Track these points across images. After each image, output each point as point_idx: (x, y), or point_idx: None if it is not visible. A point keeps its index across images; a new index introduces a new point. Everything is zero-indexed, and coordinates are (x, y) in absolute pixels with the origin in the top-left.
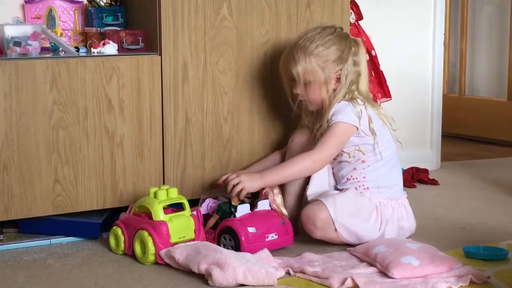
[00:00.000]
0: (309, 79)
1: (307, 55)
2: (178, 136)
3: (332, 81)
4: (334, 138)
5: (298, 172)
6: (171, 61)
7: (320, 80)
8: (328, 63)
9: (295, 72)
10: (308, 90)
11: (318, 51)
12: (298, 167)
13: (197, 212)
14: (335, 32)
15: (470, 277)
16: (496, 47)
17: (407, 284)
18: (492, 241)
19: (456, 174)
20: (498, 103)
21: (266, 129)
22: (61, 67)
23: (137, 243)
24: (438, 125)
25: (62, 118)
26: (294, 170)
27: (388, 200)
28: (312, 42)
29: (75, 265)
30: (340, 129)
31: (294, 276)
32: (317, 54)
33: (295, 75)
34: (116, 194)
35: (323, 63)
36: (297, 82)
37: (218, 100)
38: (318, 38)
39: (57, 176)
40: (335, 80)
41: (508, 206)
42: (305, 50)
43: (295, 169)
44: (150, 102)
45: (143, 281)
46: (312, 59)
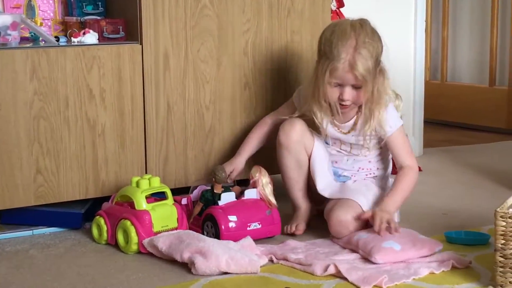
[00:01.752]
0: (367, 80)
1: (368, 57)
2: (160, 125)
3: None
4: (406, 145)
5: (411, 187)
6: (152, 50)
7: (374, 81)
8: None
9: (359, 75)
10: (359, 92)
11: (374, 53)
12: (411, 184)
13: (187, 199)
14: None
15: (452, 262)
16: (477, 33)
17: (390, 270)
18: (473, 226)
19: (439, 160)
20: (480, 89)
21: (248, 117)
22: (41, 57)
23: (119, 232)
24: (420, 112)
25: (42, 108)
26: (410, 188)
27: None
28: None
29: (57, 256)
30: (402, 135)
31: (277, 263)
32: (374, 56)
33: (360, 78)
34: (98, 184)
35: (376, 63)
36: (361, 85)
37: (199, 89)
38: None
39: (38, 167)
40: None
41: (489, 191)
42: (366, 52)
43: (410, 187)
44: (131, 91)
45: (126, 270)
46: (370, 61)
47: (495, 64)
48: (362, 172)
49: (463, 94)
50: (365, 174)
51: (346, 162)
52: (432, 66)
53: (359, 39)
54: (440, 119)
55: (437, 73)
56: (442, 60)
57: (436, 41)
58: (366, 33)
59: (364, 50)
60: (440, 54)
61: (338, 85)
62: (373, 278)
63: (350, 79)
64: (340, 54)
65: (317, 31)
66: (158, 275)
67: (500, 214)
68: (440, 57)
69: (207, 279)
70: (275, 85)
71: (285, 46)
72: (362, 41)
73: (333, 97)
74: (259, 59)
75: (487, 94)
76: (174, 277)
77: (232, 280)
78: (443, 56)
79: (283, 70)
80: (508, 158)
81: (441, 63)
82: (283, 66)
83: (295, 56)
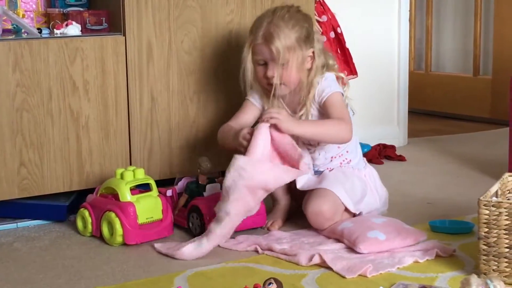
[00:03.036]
0: (287, 58)
1: (286, 32)
2: (144, 116)
3: (308, 60)
4: (342, 107)
5: (335, 133)
6: (135, 41)
7: (298, 59)
8: (303, 41)
9: (275, 50)
10: (285, 71)
11: (295, 29)
12: (336, 127)
13: (172, 190)
14: (300, 11)
15: (436, 251)
16: (461, 23)
17: (374, 259)
18: (457, 215)
19: (423, 150)
20: (464, 79)
21: (233, 108)
22: (23, 49)
23: (104, 224)
24: (404, 102)
25: (25, 100)
26: (332, 130)
27: (364, 170)
28: (287, 20)
29: (42, 248)
30: (339, 99)
31: (262, 254)
32: (296, 31)
33: (275, 53)
34: (83, 176)
35: (300, 41)
36: (276, 61)
37: (183, 80)
38: (290, 17)
39: (22, 159)
40: (309, 59)
41: (474, 180)
42: (283, 27)
43: (333, 129)
44: (115, 83)
45: (111, 262)
46: (292, 36)
47: (479, 53)
48: (335, 160)
49: (447, 84)
50: (339, 162)
51: (318, 157)
52: (416, 56)
53: (275, 15)
54: (425, 109)
55: (421, 63)
56: (427, 50)
57: (420, 31)
58: (288, 11)
59: (281, 24)
60: (424, 44)
61: (264, 63)
62: (358, 267)
63: (267, 53)
64: (257, 28)
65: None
66: (143, 267)
67: (483, 203)
68: (424, 47)
69: (192, 270)
70: None
71: None
72: (280, 17)
73: (260, 75)
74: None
75: (471, 84)
76: (159, 268)
77: (217, 271)
78: (427, 45)
79: None
80: (492, 147)
81: (425, 53)
82: None
83: None
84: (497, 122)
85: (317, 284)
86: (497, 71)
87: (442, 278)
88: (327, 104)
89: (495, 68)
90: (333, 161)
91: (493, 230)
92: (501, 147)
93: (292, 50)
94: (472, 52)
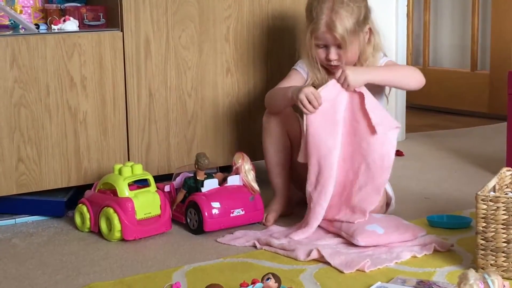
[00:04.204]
0: (349, 41)
1: (347, 17)
2: (142, 112)
3: (366, 36)
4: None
5: (410, 74)
6: (133, 37)
7: (359, 39)
8: (362, 21)
9: (339, 36)
10: (346, 52)
11: (355, 12)
12: (408, 70)
13: (170, 186)
14: None
15: (434, 246)
16: (459, 18)
17: (372, 254)
18: (455, 210)
19: (421, 145)
20: (462, 74)
21: (231, 104)
22: (21, 44)
23: (102, 220)
24: (402, 97)
25: (23, 96)
26: (405, 71)
27: None
28: (346, 4)
29: (40, 244)
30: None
31: (261, 249)
32: (355, 15)
33: (339, 39)
34: (81, 172)
35: (360, 22)
36: (338, 46)
37: (181, 76)
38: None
39: (20, 155)
40: (367, 35)
41: (471, 175)
42: (344, 13)
43: (405, 71)
44: (112, 78)
45: (109, 258)
46: (352, 20)
47: (477, 48)
48: None
49: (445, 79)
50: None
51: None
52: (414, 51)
53: (337, 0)
54: (422, 104)
55: (419, 58)
56: (424, 45)
57: (417, 26)
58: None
59: (342, 10)
60: (421, 39)
61: (324, 46)
62: (356, 262)
63: (330, 39)
64: (318, 16)
65: (298, 15)
66: (141, 262)
67: (481, 198)
68: (422, 42)
69: (190, 265)
70: (257, 71)
71: (267, 32)
72: (340, 2)
73: (321, 57)
74: (240, 45)
75: (469, 79)
76: (157, 264)
77: (215, 266)
78: (425, 41)
79: (265, 56)
80: (490, 142)
81: (423, 48)
82: (264, 52)
83: (276, 41)
84: (495, 117)
85: (315, 279)
86: (494, 66)
87: (440, 272)
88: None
89: (492, 63)
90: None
91: (491, 224)
92: (499, 142)
93: (353, 33)
94: (470, 47)
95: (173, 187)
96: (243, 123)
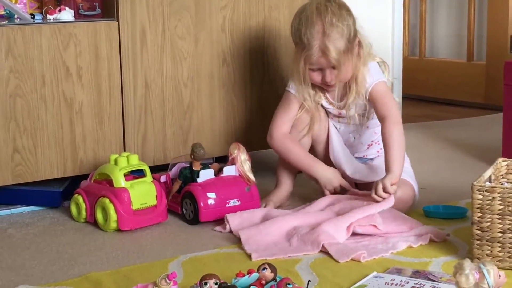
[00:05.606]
0: (344, 60)
1: (340, 39)
2: (137, 102)
3: (356, 50)
4: (387, 98)
5: (403, 142)
6: (129, 27)
7: (352, 56)
8: (352, 37)
9: (334, 60)
10: (341, 71)
11: (345, 31)
12: (401, 140)
13: (166, 176)
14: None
15: (430, 236)
16: (455, 8)
17: (368, 244)
18: (451, 200)
19: (417, 135)
20: (458, 64)
21: (227, 94)
22: (16, 34)
23: (98, 210)
24: (398, 88)
25: (19, 86)
26: (402, 146)
27: None
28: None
29: (36, 234)
30: (383, 89)
31: None
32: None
33: (334, 62)
34: (77, 162)
35: (350, 39)
36: (332, 67)
37: (177, 66)
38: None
39: (15, 145)
40: (356, 48)
41: (467, 165)
42: (336, 35)
43: (402, 145)
44: (108, 68)
45: (105, 248)
46: (344, 39)
47: (473, 39)
48: (372, 149)
49: (441, 70)
50: (376, 150)
51: (352, 141)
52: (410, 41)
53: (326, 22)
54: (419, 94)
55: (415, 48)
56: (421, 35)
57: (414, 16)
58: (333, 13)
59: (333, 33)
60: (418, 29)
61: (318, 69)
62: (352, 251)
63: (324, 63)
64: (310, 42)
65: (295, 6)
66: (137, 253)
67: (477, 188)
68: (418, 32)
69: (186, 255)
70: (253, 61)
71: (263, 22)
72: (330, 24)
73: (316, 80)
74: (237, 35)
75: (465, 69)
76: (153, 254)
77: (211, 256)
78: (421, 31)
79: (261, 46)
80: (486, 132)
81: (419, 39)
82: (261, 42)
83: (273, 31)
84: (491, 108)
85: (311, 269)
86: (491, 56)
87: (435, 262)
88: (372, 96)
89: (489, 54)
90: (369, 149)
91: (487, 215)
92: (495, 132)
93: (345, 52)
94: (466, 37)
95: (169, 178)
96: (239, 113)
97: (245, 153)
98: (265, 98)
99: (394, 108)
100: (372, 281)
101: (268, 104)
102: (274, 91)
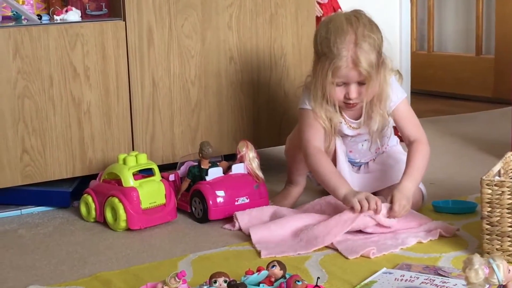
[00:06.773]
0: (373, 76)
1: (371, 51)
2: (145, 101)
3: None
4: (411, 117)
5: (426, 165)
6: (136, 26)
7: (380, 73)
8: (379, 52)
9: (365, 72)
10: (367, 88)
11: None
12: (425, 160)
13: (175, 175)
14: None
15: (439, 231)
16: (463, 2)
17: (378, 240)
18: (460, 195)
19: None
20: (467, 58)
21: (234, 92)
22: (23, 35)
23: (108, 210)
24: (407, 83)
25: (27, 87)
26: (425, 166)
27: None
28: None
29: (46, 234)
30: (406, 107)
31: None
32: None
33: (364, 75)
34: (85, 162)
35: (378, 54)
36: (360, 82)
37: (184, 64)
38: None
39: (24, 146)
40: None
41: (476, 160)
42: (367, 47)
43: (425, 164)
44: (116, 68)
45: (114, 247)
46: (374, 53)
47: (481, 33)
48: (376, 154)
49: (450, 64)
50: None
51: (361, 148)
52: (418, 36)
53: (358, 32)
54: (427, 89)
55: (423, 43)
56: (429, 30)
57: (422, 11)
58: (364, 25)
59: (365, 44)
60: (426, 24)
61: (343, 83)
62: (361, 248)
63: (354, 76)
64: (341, 52)
65: (302, 2)
66: (147, 252)
67: (486, 182)
68: (427, 27)
69: (196, 254)
70: (261, 59)
71: (270, 19)
72: (362, 34)
73: (339, 96)
74: (243, 33)
75: (474, 64)
76: (162, 253)
77: (221, 254)
78: (429, 25)
79: (268, 43)
80: (495, 127)
81: (427, 33)
82: (268, 39)
83: (279, 29)
84: (499, 102)
85: (321, 266)
86: (499, 50)
87: (445, 258)
88: (397, 115)
89: (497, 48)
90: (377, 153)
91: (496, 209)
92: (504, 127)
93: (376, 66)
94: (475, 31)
95: (178, 176)
96: (247, 111)
97: (254, 150)
98: (273, 96)
99: (420, 127)
100: (382, 277)
101: (276, 101)
102: (281, 89)
